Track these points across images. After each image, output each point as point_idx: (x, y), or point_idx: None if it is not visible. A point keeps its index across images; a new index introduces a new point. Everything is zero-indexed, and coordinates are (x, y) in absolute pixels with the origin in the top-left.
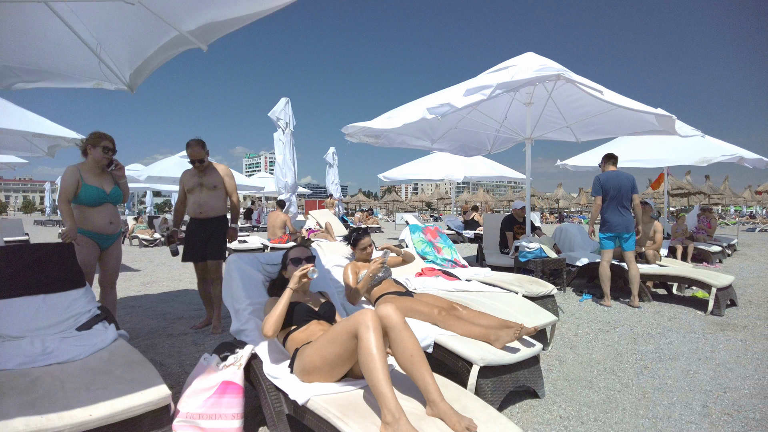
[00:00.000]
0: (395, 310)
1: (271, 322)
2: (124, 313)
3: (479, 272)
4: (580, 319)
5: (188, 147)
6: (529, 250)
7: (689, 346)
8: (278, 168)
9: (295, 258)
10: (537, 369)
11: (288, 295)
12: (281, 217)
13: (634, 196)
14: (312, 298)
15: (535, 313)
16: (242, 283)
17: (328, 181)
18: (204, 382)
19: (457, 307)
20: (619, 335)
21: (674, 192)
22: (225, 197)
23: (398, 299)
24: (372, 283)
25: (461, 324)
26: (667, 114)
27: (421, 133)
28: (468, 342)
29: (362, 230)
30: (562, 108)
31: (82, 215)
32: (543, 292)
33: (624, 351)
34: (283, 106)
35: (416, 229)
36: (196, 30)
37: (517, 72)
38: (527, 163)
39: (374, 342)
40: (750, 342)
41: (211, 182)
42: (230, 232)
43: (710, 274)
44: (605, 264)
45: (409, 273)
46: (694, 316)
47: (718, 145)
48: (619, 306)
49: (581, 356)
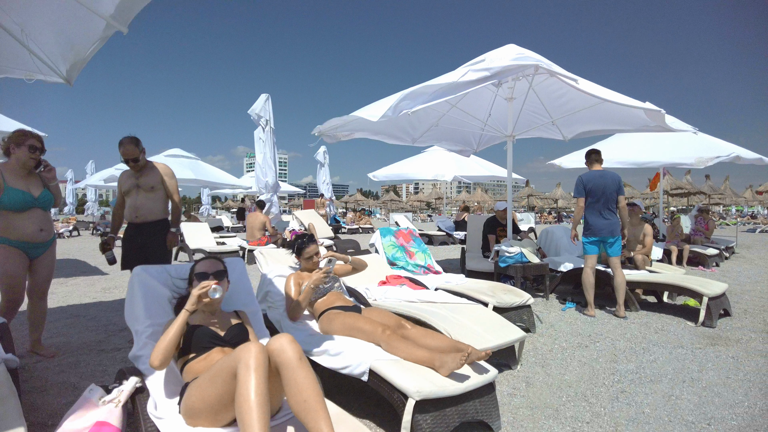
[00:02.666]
0: (291, 342)
1: (158, 350)
2: (64, 324)
3: (451, 279)
4: (559, 331)
5: (120, 145)
6: (509, 255)
7: (674, 365)
8: (258, 167)
9: (201, 273)
10: (491, 398)
11: (183, 318)
12: (260, 218)
13: (620, 198)
14: (220, 320)
15: (502, 328)
16: (144, 300)
17: (319, 181)
18: (77, 422)
19: (405, 325)
20: (598, 351)
21: (674, 192)
22: (165, 199)
23: (341, 315)
24: (315, 296)
25: (406, 346)
26: (656, 108)
27: (400, 131)
28: (408, 369)
29: (307, 237)
30: (546, 103)
31: (7, 222)
32: (517, 302)
33: (601, 370)
34: (263, 102)
35: (387, 232)
36: (115, 12)
37: (491, 63)
38: (509, 162)
39: (253, 386)
40: (742, 359)
41: (148, 183)
42: (170, 237)
43: (702, 282)
44: (588, 270)
45: (371, 281)
46: (683, 328)
47: (714, 143)
48: (603, 316)
49: (552, 377)
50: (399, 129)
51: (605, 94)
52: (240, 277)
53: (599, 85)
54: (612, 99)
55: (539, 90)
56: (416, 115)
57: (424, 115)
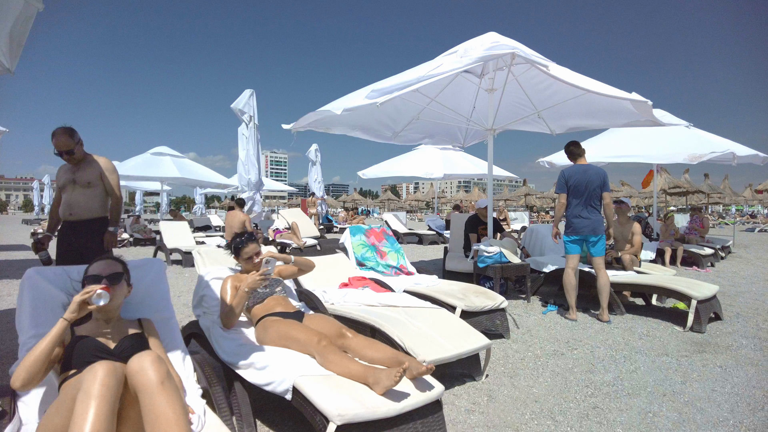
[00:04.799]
0: (154, 362)
1: (22, 367)
2: None
3: (422, 281)
4: (536, 336)
5: (53, 137)
6: (488, 255)
7: (656, 375)
8: (241, 164)
9: (92, 276)
10: (437, 419)
11: (57, 329)
12: (239, 217)
13: (604, 195)
14: (115, 330)
15: (464, 335)
16: (32, 306)
17: (311, 180)
18: None
19: (346, 334)
20: (575, 359)
21: (671, 191)
22: (104, 196)
23: (277, 323)
24: (253, 301)
25: (340, 359)
26: (642, 99)
27: (380, 125)
28: (338, 387)
29: (247, 236)
30: (531, 95)
31: None
32: (489, 305)
33: (575, 382)
34: (247, 98)
35: (357, 231)
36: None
37: (466, 53)
38: (489, 158)
39: (90, 420)
40: (731, 369)
41: (84, 178)
42: (107, 236)
43: (691, 284)
44: (570, 271)
45: (331, 283)
46: (670, 333)
47: (708, 139)
48: (586, 320)
49: (519, 390)
50: (378, 123)
51: (588, 84)
52: (155, 280)
53: (585, 76)
54: (595, 90)
55: (523, 81)
56: (395, 108)
57: (404, 108)
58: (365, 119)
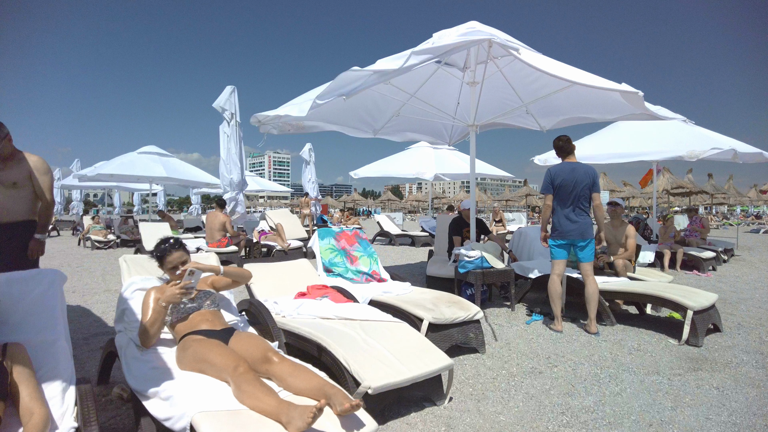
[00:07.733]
0: None
1: None
2: None
3: (392, 289)
4: (514, 351)
5: None
6: (469, 260)
7: (644, 399)
8: (222, 164)
9: None
10: None
11: None
12: (220, 218)
13: (594, 195)
14: None
15: (422, 354)
16: None
17: (304, 180)
18: None
19: (272, 358)
20: (553, 379)
21: (675, 191)
22: (33, 199)
23: (197, 343)
24: (177, 316)
25: (255, 390)
26: (633, 90)
27: (358, 121)
28: (243, 427)
29: (171, 241)
30: (517, 87)
31: None
32: (461, 317)
33: (550, 407)
34: (228, 95)
35: (326, 234)
36: None
37: (438, 41)
38: (471, 154)
39: None
40: (729, 391)
41: (10, 178)
42: (33, 244)
43: (687, 292)
44: (555, 278)
45: (289, 292)
46: (663, 347)
47: (710, 136)
48: (572, 331)
49: (484, 417)
50: (356, 119)
51: (573, 75)
52: (42, 295)
53: (572, 67)
54: (580, 81)
55: (509, 74)
56: (374, 103)
57: (383, 103)
58: (341, 115)
